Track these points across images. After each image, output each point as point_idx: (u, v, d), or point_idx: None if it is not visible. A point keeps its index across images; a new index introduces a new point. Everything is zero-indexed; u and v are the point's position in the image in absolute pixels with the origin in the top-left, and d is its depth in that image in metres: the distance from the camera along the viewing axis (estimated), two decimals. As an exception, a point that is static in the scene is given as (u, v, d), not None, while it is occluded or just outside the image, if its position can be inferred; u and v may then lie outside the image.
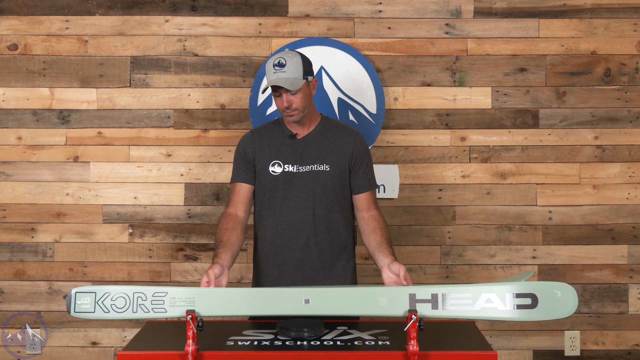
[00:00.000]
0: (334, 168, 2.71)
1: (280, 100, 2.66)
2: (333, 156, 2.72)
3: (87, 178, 3.50)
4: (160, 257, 3.52)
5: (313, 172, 2.70)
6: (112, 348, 3.54)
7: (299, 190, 2.70)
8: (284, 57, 2.64)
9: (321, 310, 2.23)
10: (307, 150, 2.72)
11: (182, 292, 2.23)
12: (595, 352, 3.55)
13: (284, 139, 2.75)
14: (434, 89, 3.50)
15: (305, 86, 2.66)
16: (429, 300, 2.22)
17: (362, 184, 2.75)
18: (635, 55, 3.50)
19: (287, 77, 2.62)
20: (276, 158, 2.72)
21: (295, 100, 2.65)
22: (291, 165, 2.71)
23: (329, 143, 2.74)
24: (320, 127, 2.77)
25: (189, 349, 2.13)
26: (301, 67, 2.64)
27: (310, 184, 2.70)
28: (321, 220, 2.70)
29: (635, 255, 3.52)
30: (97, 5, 3.48)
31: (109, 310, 2.23)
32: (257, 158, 2.74)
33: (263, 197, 2.74)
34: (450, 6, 3.48)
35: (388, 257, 2.55)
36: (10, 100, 3.50)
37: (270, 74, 2.64)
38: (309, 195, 2.69)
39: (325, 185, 2.70)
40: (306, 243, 2.70)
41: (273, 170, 2.71)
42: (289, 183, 2.70)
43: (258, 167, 2.74)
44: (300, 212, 2.69)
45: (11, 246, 3.52)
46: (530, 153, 3.51)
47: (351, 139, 2.76)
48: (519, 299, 2.22)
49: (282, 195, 2.70)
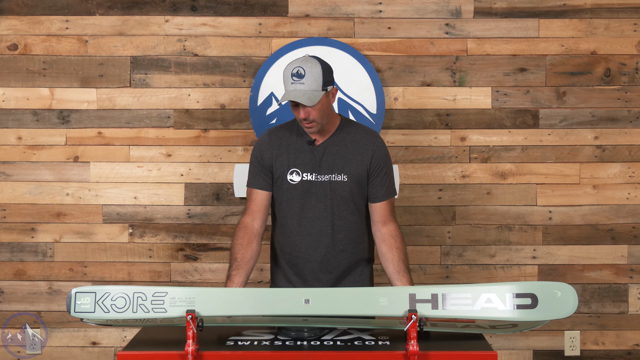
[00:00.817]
0: (351, 178, 2.61)
1: (297, 111, 2.54)
2: (351, 165, 2.62)
3: (87, 178, 3.50)
4: (160, 257, 3.52)
5: (331, 182, 2.60)
6: (112, 348, 3.54)
7: (318, 200, 2.61)
8: (303, 67, 2.49)
9: (321, 310, 2.23)
10: (325, 158, 2.62)
11: (182, 292, 2.23)
12: (595, 352, 3.55)
13: (302, 145, 2.64)
14: (434, 89, 3.50)
15: (324, 97, 2.52)
16: (429, 300, 2.22)
17: (379, 192, 2.65)
18: (635, 55, 3.50)
19: (306, 89, 2.48)
20: (295, 166, 2.62)
21: (312, 112, 2.52)
22: (309, 174, 2.62)
23: (347, 150, 2.63)
24: (339, 132, 2.65)
25: (189, 349, 2.13)
26: (320, 77, 2.49)
27: (329, 194, 2.61)
28: (340, 231, 2.63)
29: (635, 255, 3.52)
30: (97, 5, 3.48)
31: (109, 310, 2.23)
32: (274, 165, 2.64)
33: (280, 205, 2.66)
34: (450, 6, 3.48)
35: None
36: (10, 100, 3.50)
37: (288, 84, 2.51)
38: (327, 206, 2.61)
39: (343, 196, 2.61)
40: (325, 255, 2.64)
41: (291, 179, 2.62)
42: (307, 192, 2.61)
43: (276, 174, 2.64)
44: (319, 222, 2.61)
45: (11, 246, 3.52)
46: (530, 153, 3.51)
47: (370, 146, 2.65)
48: (519, 299, 2.22)
49: (301, 205, 2.62)
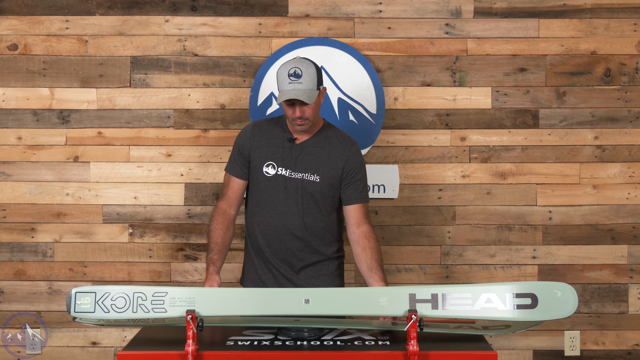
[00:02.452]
0: (324, 179, 2.70)
1: (292, 110, 2.62)
2: (325, 167, 2.70)
3: (87, 178, 3.50)
4: (160, 257, 3.52)
5: (304, 180, 2.69)
6: (112, 348, 3.54)
7: (289, 195, 2.70)
8: (300, 67, 2.59)
9: (321, 310, 2.23)
10: (301, 157, 2.71)
11: (182, 292, 2.23)
12: (595, 352, 3.55)
13: (282, 141, 2.73)
14: (434, 89, 3.50)
15: (318, 96, 2.64)
16: (429, 300, 2.22)
17: (353, 195, 2.73)
18: (635, 55, 3.50)
19: (304, 88, 2.58)
20: (272, 159, 2.72)
21: (307, 110, 2.62)
22: (284, 169, 2.70)
23: (323, 153, 2.72)
24: (319, 135, 2.75)
25: (189, 349, 2.13)
26: (315, 77, 2.61)
27: (300, 191, 2.69)
28: (307, 228, 2.70)
29: (635, 255, 3.52)
30: (97, 5, 3.48)
31: (109, 310, 2.23)
32: (252, 155, 2.74)
33: (254, 195, 2.76)
34: (450, 6, 3.48)
35: (379, 284, 2.57)
36: (10, 100, 3.50)
37: (285, 84, 2.59)
38: (298, 202, 2.69)
39: (314, 195, 2.70)
40: (289, 248, 2.71)
41: (267, 171, 2.71)
42: (281, 186, 2.70)
43: (253, 164, 2.74)
44: (288, 217, 2.69)
45: (11, 246, 3.52)
46: (530, 153, 3.51)
47: (345, 152, 2.73)
48: (519, 299, 2.22)
49: (272, 198, 2.70)
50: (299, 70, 2.58)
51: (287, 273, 2.72)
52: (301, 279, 2.72)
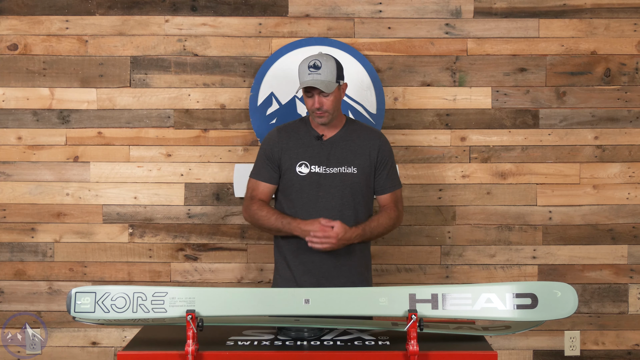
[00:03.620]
0: (360, 170, 2.78)
1: (311, 100, 2.72)
2: (359, 158, 2.79)
3: (87, 178, 3.50)
4: (160, 257, 3.52)
5: (341, 174, 2.76)
6: (112, 348, 3.54)
7: (326, 191, 2.75)
8: (319, 60, 2.70)
9: (321, 310, 2.23)
10: (334, 152, 2.78)
11: (182, 292, 2.23)
12: (595, 352, 3.55)
13: (310, 140, 2.80)
14: (434, 89, 3.50)
15: (337, 90, 2.73)
16: (429, 300, 2.22)
17: (386, 185, 2.84)
18: (635, 55, 3.50)
19: (322, 79, 2.68)
20: (303, 158, 2.78)
21: (326, 102, 2.71)
22: (318, 167, 2.77)
23: (354, 145, 2.80)
24: (346, 129, 2.83)
25: (189, 349, 2.13)
26: (335, 70, 2.71)
27: (339, 185, 2.76)
28: (348, 221, 2.73)
29: (635, 255, 3.52)
30: (97, 5, 3.48)
31: (109, 310, 2.23)
32: (283, 158, 2.79)
33: (289, 197, 2.79)
34: (450, 6, 3.48)
35: (356, 228, 2.70)
36: (10, 100, 3.50)
37: (305, 75, 2.70)
38: (336, 197, 2.75)
39: (352, 187, 2.77)
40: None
41: (300, 171, 2.77)
42: (317, 184, 2.76)
43: (284, 166, 2.79)
44: (328, 212, 2.74)
45: (11, 246, 3.52)
46: (530, 153, 3.51)
47: (376, 141, 2.83)
48: (519, 299, 2.22)
49: (310, 196, 2.76)
50: (318, 62, 2.69)
51: (326, 272, 2.76)
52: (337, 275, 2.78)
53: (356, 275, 2.80)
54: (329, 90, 2.68)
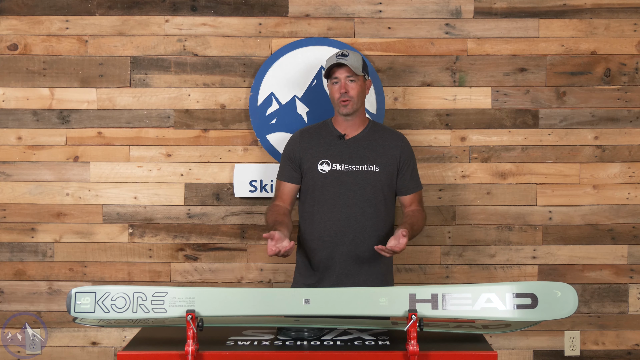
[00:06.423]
0: (382, 169, 2.82)
1: (337, 87, 2.80)
2: (382, 158, 2.83)
3: (87, 178, 3.50)
4: (160, 257, 3.52)
5: (363, 172, 2.81)
6: (112, 348, 3.54)
7: (348, 188, 2.80)
8: (347, 51, 2.83)
9: (321, 310, 2.23)
10: (356, 151, 2.84)
11: (182, 292, 2.23)
12: (595, 352, 3.55)
13: (332, 139, 2.86)
14: (434, 89, 3.50)
15: (362, 80, 2.83)
16: (429, 300, 2.22)
17: (409, 185, 2.89)
18: (635, 55, 3.50)
19: (350, 63, 2.78)
20: (324, 157, 2.83)
21: (352, 88, 2.79)
22: (339, 164, 2.81)
23: (377, 145, 2.85)
24: (368, 130, 2.89)
25: (189, 349, 2.13)
26: (361, 61, 2.82)
27: (360, 183, 2.80)
28: (369, 218, 2.79)
29: (635, 255, 3.52)
30: (97, 5, 3.48)
31: (109, 310, 2.23)
32: (304, 157, 2.86)
33: (312, 195, 2.84)
34: (450, 6, 3.48)
35: (404, 226, 2.63)
36: (10, 100, 3.50)
37: (333, 60, 2.81)
38: (357, 194, 2.79)
39: (374, 185, 2.81)
40: (353, 239, 2.79)
41: (321, 169, 2.82)
42: (338, 181, 2.80)
43: (306, 165, 2.85)
44: (349, 209, 2.79)
45: (11, 246, 3.52)
46: (530, 153, 3.51)
47: (399, 142, 2.89)
48: (519, 299, 2.22)
49: (331, 193, 2.80)
50: (346, 52, 2.82)
51: (348, 270, 2.79)
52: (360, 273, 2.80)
53: (376, 275, 2.82)
54: (357, 72, 2.76)
